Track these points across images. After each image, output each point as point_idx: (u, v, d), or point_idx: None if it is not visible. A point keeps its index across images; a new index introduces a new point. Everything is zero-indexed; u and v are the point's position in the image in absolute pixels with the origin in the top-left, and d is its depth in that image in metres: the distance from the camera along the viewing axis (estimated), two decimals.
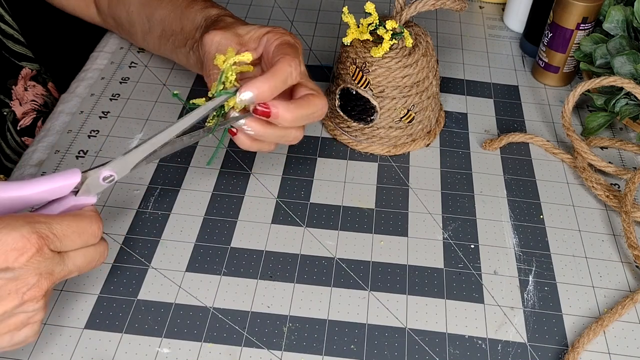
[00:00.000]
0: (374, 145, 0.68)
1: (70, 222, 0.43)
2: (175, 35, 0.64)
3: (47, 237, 0.41)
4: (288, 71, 0.50)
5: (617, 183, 0.66)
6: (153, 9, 0.67)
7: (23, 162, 0.66)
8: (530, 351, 0.52)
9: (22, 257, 0.40)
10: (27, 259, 0.40)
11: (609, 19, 0.71)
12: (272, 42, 0.54)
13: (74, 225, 0.43)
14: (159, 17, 0.66)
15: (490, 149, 0.69)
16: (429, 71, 0.65)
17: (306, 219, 0.61)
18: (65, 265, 0.43)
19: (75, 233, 0.43)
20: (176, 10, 0.64)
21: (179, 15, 0.64)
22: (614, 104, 0.68)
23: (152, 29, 0.67)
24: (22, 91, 0.74)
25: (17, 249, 0.39)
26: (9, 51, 0.73)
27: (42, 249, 0.40)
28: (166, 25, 0.65)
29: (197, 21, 0.62)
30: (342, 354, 0.51)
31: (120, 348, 0.51)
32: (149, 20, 0.68)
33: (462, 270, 0.58)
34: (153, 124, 0.70)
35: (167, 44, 0.66)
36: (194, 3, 0.64)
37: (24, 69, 0.75)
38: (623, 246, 0.60)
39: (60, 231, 0.42)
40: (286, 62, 0.50)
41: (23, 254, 0.40)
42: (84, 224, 0.44)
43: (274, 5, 0.90)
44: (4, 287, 0.40)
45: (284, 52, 0.51)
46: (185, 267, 0.57)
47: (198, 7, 0.63)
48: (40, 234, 0.40)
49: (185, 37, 0.63)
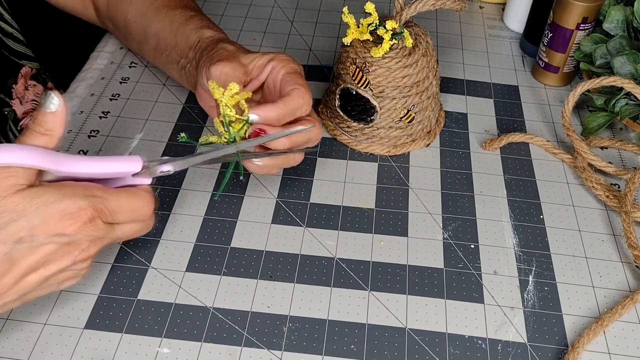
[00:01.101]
0: (374, 145, 0.68)
1: (125, 198, 0.46)
2: (169, 50, 0.65)
3: (101, 210, 0.44)
4: (299, 104, 0.52)
5: (617, 183, 0.66)
6: (150, 21, 0.67)
7: None
8: (530, 351, 0.52)
9: (76, 224, 0.43)
10: (80, 227, 0.43)
11: (609, 19, 0.71)
12: (278, 69, 0.55)
13: (127, 203, 0.46)
14: (154, 29, 0.66)
15: (490, 149, 0.69)
16: (429, 71, 0.65)
17: (306, 219, 0.61)
18: (114, 233, 0.47)
19: (128, 210, 0.47)
20: (172, 25, 0.65)
21: (174, 31, 0.64)
22: (614, 104, 0.68)
23: (148, 40, 0.68)
24: (22, 90, 0.74)
25: (72, 217, 0.43)
26: (8, 50, 0.73)
27: (94, 219, 0.44)
28: (161, 38, 0.66)
29: (192, 40, 0.62)
30: (342, 354, 0.51)
31: (120, 348, 0.51)
32: (145, 30, 0.68)
33: (462, 270, 0.58)
34: (153, 124, 0.70)
35: (160, 57, 0.67)
36: (190, 21, 0.64)
37: (24, 68, 0.75)
38: (623, 246, 0.60)
39: (114, 206, 0.45)
40: (300, 94, 0.52)
41: (77, 221, 0.43)
42: (137, 203, 0.47)
43: (274, 5, 0.90)
44: (59, 250, 0.44)
45: (298, 83, 0.53)
46: (185, 267, 0.57)
47: (193, 26, 0.63)
48: (96, 207, 0.44)
49: (179, 54, 0.63)
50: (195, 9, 0.69)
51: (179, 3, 0.68)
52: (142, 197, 0.47)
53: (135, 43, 0.71)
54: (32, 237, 0.42)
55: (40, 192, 0.42)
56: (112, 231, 0.47)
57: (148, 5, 0.68)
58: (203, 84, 0.58)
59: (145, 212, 0.48)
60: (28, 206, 0.42)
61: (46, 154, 0.43)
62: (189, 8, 0.68)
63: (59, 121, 0.44)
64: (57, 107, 0.44)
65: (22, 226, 0.42)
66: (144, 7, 0.68)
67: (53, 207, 0.42)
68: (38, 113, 0.44)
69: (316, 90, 0.76)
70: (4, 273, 0.43)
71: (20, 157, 0.41)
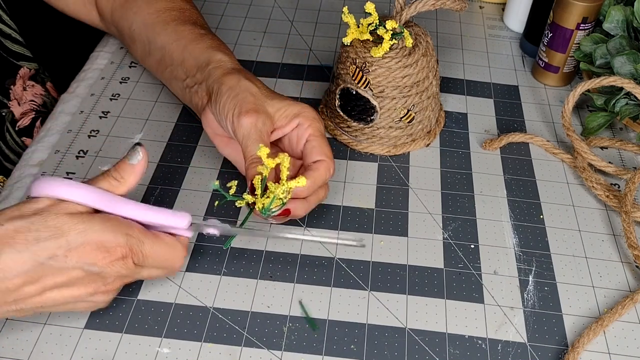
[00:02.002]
0: (374, 145, 0.68)
1: (160, 247, 0.48)
2: (174, 66, 0.63)
3: (135, 252, 0.47)
4: (326, 178, 0.55)
5: (617, 183, 0.66)
6: (156, 34, 0.65)
7: (23, 162, 0.66)
8: (530, 351, 0.52)
9: (108, 258, 0.45)
10: (111, 262, 0.46)
11: (609, 19, 0.71)
12: (305, 127, 0.56)
13: (161, 251, 0.48)
14: (160, 42, 0.65)
15: (490, 149, 0.69)
16: (429, 71, 0.65)
17: (306, 219, 0.61)
18: (140, 274, 0.49)
19: (160, 258, 0.49)
20: (180, 41, 0.63)
21: (182, 47, 0.63)
22: (614, 104, 0.68)
23: (152, 52, 0.66)
24: (20, 91, 0.74)
25: (108, 250, 0.45)
26: (7, 51, 0.73)
27: (126, 258, 0.46)
28: (166, 53, 0.64)
29: (200, 61, 0.61)
30: (342, 354, 0.51)
31: (120, 348, 0.51)
32: (149, 42, 0.66)
33: (462, 270, 0.58)
34: (153, 124, 0.70)
35: (164, 72, 0.65)
36: (199, 39, 0.63)
37: (22, 69, 0.74)
38: (623, 246, 0.60)
39: (149, 251, 0.48)
40: (327, 168, 0.55)
41: (111, 256, 0.45)
42: (171, 253, 0.49)
43: (274, 5, 0.90)
44: (85, 278, 0.46)
45: (325, 154, 0.55)
46: (185, 267, 0.57)
47: (203, 46, 0.62)
48: (132, 247, 0.46)
49: (185, 72, 0.62)
50: (205, 27, 0.68)
51: (189, 19, 0.67)
52: (176, 250, 0.50)
53: (139, 53, 0.70)
54: (66, 259, 0.44)
55: (87, 219, 0.45)
56: (139, 272, 0.49)
57: (155, 17, 0.66)
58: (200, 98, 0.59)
59: (174, 264, 0.50)
60: (72, 228, 0.44)
61: (103, 195, 0.46)
62: (199, 25, 0.66)
63: (136, 174, 0.48)
64: (139, 161, 0.48)
65: (60, 245, 0.44)
66: (150, 19, 0.66)
67: (94, 235, 0.45)
68: (121, 162, 0.48)
69: (316, 90, 0.76)
70: (29, 282, 0.44)
71: (81, 196, 0.45)
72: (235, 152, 0.59)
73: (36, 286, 0.44)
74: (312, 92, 0.76)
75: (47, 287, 0.45)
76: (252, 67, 0.79)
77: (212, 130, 0.59)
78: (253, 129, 0.53)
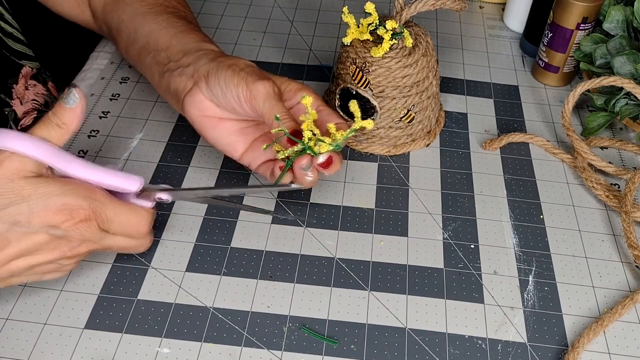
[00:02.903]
0: (374, 145, 0.68)
1: (123, 210, 0.48)
2: (157, 51, 0.62)
3: (98, 214, 0.46)
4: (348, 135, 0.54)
5: (617, 183, 0.66)
6: (145, 21, 0.65)
7: None
8: (530, 351, 0.52)
9: (71, 220, 0.45)
10: (74, 224, 0.45)
11: (609, 19, 0.71)
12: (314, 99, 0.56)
13: (124, 215, 0.48)
14: (148, 29, 0.64)
15: (490, 149, 0.69)
16: (429, 71, 0.65)
17: (306, 219, 0.61)
18: (105, 241, 0.49)
19: (124, 222, 0.49)
20: (169, 29, 0.63)
21: (171, 35, 0.62)
22: (614, 104, 0.68)
23: (137, 39, 0.66)
24: (22, 90, 0.74)
25: (70, 213, 0.45)
26: (9, 50, 0.73)
27: (90, 221, 0.46)
28: (151, 39, 0.63)
29: (189, 47, 0.60)
30: (342, 354, 0.51)
31: (120, 348, 0.51)
32: (136, 30, 0.66)
33: (462, 270, 0.58)
34: (153, 124, 0.70)
35: (146, 58, 0.64)
36: (191, 32, 0.63)
37: (24, 68, 0.75)
38: (623, 246, 0.60)
39: (112, 214, 0.47)
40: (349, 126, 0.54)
41: (73, 218, 0.45)
42: (134, 218, 0.49)
43: (274, 5, 0.90)
44: (50, 242, 0.45)
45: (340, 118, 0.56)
46: (185, 267, 0.57)
47: (194, 36, 0.62)
48: (94, 209, 0.46)
49: (169, 57, 0.61)
50: (198, 26, 0.68)
51: (183, 16, 0.67)
52: (140, 215, 0.50)
53: (122, 44, 0.69)
54: (29, 223, 0.44)
55: (47, 183, 0.45)
56: (104, 238, 0.48)
57: (147, 8, 0.67)
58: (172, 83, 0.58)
59: (139, 230, 0.50)
60: (33, 192, 0.44)
61: (56, 151, 0.45)
62: (192, 23, 0.67)
63: (76, 117, 0.47)
64: (76, 103, 0.47)
65: (22, 210, 0.44)
66: (142, 9, 0.67)
67: (55, 199, 0.44)
68: (58, 106, 0.47)
69: (316, 90, 0.76)
70: None
71: (32, 149, 0.44)
72: (225, 133, 0.58)
73: (2, 254, 0.44)
74: None
75: (12, 255, 0.45)
76: None
77: (199, 112, 0.58)
78: (271, 91, 0.54)
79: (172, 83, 0.60)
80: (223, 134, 0.59)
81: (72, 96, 0.47)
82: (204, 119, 0.58)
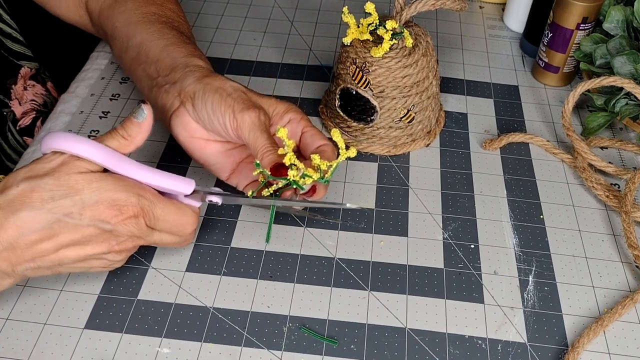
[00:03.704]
0: (374, 145, 0.68)
1: (171, 210, 0.50)
2: (147, 64, 0.62)
3: (147, 212, 0.48)
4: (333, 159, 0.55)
5: (617, 183, 0.66)
6: (137, 31, 0.65)
7: (23, 161, 0.66)
8: (530, 351, 0.52)
9: (121, 216, 0.47)
10: (123, 220, 0.47)
11: (609, 19, 0.71)
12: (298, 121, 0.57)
13: (172, 214, 0.50)
14: (140, 39, 0.64)
15: (490, 149, 0.69)
16: (429, 71, 0.65)
17: (306, 219, 0.61)
18: (152, 237, 0.50)
19: (171, 221, 0.50)
20: (160, 40, 0.63)
21: (161, 47, 0.62)
22: (614, 104, 0.68)
23: (129, 49, 0.65)
24: (21, 91, 0.74)
25: (120, 209, 0.47)
26: (7, 50, 0.73)
27: (138, 218, 0.48)
28: (142, 50, 0.63)
29: (177, 62, 0.60)
30: (342, 354, 0.51)
31: (120, 348, 0.51)
32: (128, 39, 0.65)
33: (462, 270, 0.58)
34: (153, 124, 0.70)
35: (137, 69, 0.64)
36: (182, 45, 0.62)
37: (23, 68, 0.75)
38: (623, 246, 0.60)
39: (160, 213, 0.49)
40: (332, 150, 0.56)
41: (123, 214, 0.47)
42: (181, 218, 0.51)
43: (274, 5, 0.90)
44: (99, 235, 0.47)
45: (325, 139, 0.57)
46: (185, 267, 0.57)
47: (184, 50, 0.62)
48: (143, 207, 0.48)
49: (157, 71, 0.61)
50: (191, 38, 0.67)
51: (176, 27, 0.66)
52: (187, 214, 0.51)
53: (116, 51, 0.68)
54: (80, 216, 0.46)
55: (100, 178, 0.46)
56: (151, 235, 0.50)
57: (141, 17, 0.66)
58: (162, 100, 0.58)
59: (185, 229, 0.51)
60: (86, 187, 0.46)
61: (112, 155, 0.48)
62: (185, 35, 0.66)
63: (142, 131, 0.50)
64: (144, 118, 0.50)
65: (75, 202, 0.45)
66: (135, 17, 0.66)
67: (107, 194, 0.46)
68: (127, 119, 0.50)
69: (316, 90, 0.76)
70: (46, 239, 0.46)
71: (90, 152, 0.47)
72: (215, 153, 0.59)
73: (52, 243, 0.46)
74: (312, 92, 0.76)
75: (63, 244, 0.46)
76: (252, 67, 0.79)
77: (187, 134, 0.58)
78: (257, 121, 0.54)
79: (159, 99, 0.60)
80: (210, 156, 0.59)
81: (141, 111, 0.50)
82: (191, 140, 0.58)
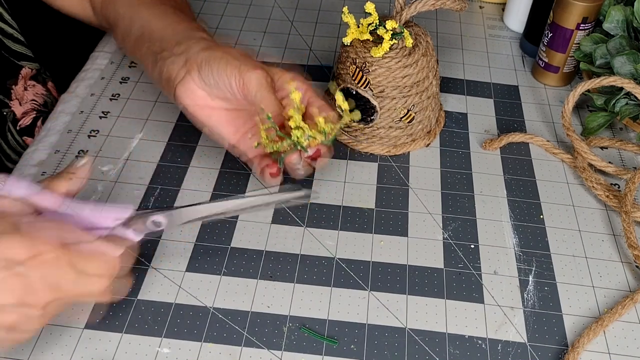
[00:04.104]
0: (374, 145, 0.68)
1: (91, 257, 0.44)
2: (152, 42, 0.63)
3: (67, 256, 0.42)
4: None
5: (617, 183, 0.66)
6: (140, 11, 0.66)
7: (23, 162, 0.66)
8: (530, 351, 0.52)
9: (37, 259, 0.40)
10: (40, 263, 0.40)
11: (609, 19, 0.71)
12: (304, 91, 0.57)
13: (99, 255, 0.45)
14: (144, 19, 0.65)
15: (490, 149, 0.69)
16: (429, 71, 0.65)
17: (306, 219, 0.61)
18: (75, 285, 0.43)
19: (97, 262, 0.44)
20: (164, 19, 0.64)
21: (165, 25, 0.63)
22: (614, 104, 0.68)
23: (133, 30, 0.66)
24: (21, 91, 0.74)
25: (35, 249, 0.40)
26: (8, 51, 0.73)
27: (59, 258, 0.41)
28: (146, 30, 0.64)
29: (181, 36, 0.60)
30: (342, 354, 0.51)
31: (120, 348, 0.51)
32: (132, 21, 0.66)
33: (462, 270, 0.58)
34: (153, 124, 0.70)
35: (142, 48, 0.64)
36: (185, 22, 0.63)
37: (24, 69, 0.75)
38: (623, 246, 0.60)
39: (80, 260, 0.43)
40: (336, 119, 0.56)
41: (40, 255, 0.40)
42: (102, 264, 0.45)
43: (273, 5, 0.90)
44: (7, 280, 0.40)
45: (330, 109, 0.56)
46: (185, 267, 0.57)
47: (187, 25, 0.62)
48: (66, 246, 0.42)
49: (162, 46, 0.61)
50: (194, 18, 0.68)
51: (179, 8, 0.67)
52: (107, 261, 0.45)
53: (120, 36, 0.69)
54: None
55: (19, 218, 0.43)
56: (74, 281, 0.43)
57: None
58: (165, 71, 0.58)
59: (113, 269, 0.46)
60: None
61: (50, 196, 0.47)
62: (186, 13, 0.67)
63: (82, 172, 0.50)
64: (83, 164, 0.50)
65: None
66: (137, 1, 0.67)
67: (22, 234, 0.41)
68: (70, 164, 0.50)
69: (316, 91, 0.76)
70: None
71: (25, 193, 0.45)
72: (221, 122, 0.59)
73: None
74: None
75: None
76: None
77: (192, 102, 0.58)
78: (264, 81, 0.54)
79: (164, 71, 0.60)
80: (216, 124, 0.59)
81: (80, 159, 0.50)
82: (196, 108, 0.58)
